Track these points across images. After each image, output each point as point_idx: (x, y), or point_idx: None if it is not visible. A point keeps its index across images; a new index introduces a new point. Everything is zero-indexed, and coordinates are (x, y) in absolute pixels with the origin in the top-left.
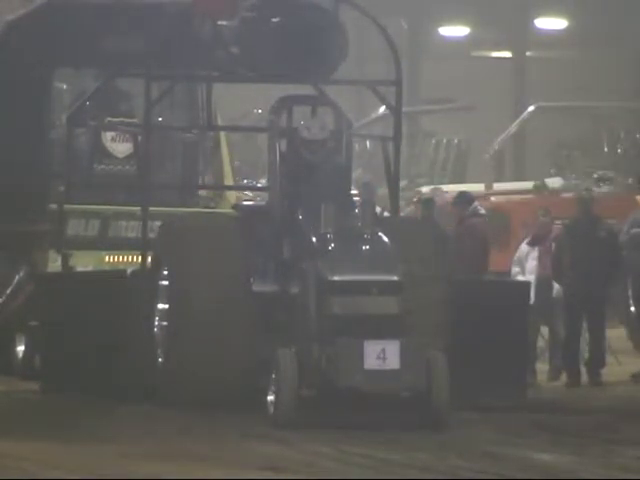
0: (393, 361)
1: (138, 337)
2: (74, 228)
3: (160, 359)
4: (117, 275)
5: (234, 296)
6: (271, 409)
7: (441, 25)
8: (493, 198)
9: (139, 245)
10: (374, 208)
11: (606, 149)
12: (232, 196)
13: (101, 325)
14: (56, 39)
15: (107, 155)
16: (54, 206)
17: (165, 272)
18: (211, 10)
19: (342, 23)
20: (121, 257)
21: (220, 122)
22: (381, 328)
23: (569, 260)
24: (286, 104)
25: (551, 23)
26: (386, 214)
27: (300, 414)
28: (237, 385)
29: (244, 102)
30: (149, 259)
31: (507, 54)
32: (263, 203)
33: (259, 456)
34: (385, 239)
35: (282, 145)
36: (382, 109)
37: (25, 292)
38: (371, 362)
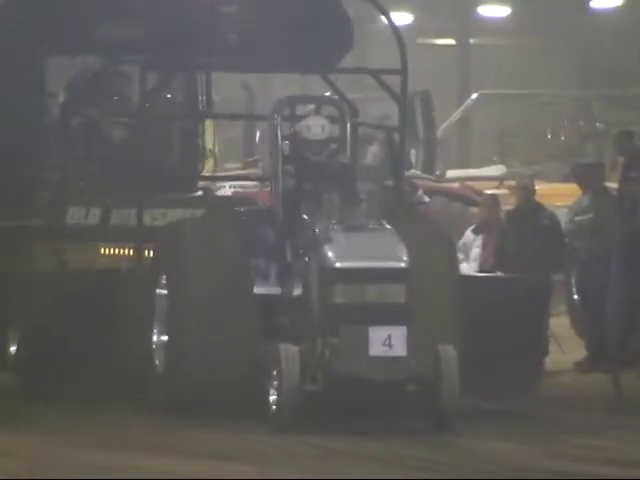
0: (400, 348)
1: (131, 340)
2: (73, 217)
3: (157, 365)
4: (110, 274)
5: (235, 299)
6: (272, 408)
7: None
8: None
9: (140, 234)
10: (380, 201)
11: (549, 136)
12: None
13: (91, 326)
14: (49, 25)
15: (104, 142)
16: (48, 197)
17: (163, 280)
18: None
19: (347, 12)
20: (117, 250)
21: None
22: (387, 315)
23: (513, 248)
24: (288, 104)
25: (494, 11)
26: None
27: (301, 413)
28: (238, 391)
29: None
30: (145, 254)
31: (451, 41)
32: (263, 206)
33: (256, 453)
34: (390, 228)
35: (284, 145)
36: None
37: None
38: (377, 349)
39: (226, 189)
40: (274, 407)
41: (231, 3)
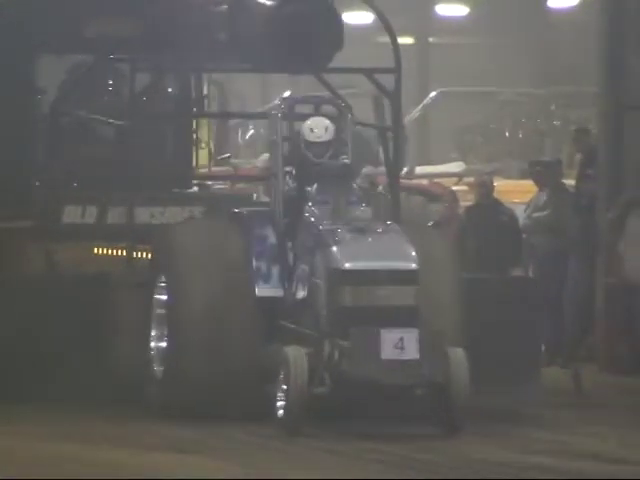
0: (412, 351)
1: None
2: (69, 216)
3: (156, 370)
4: (100, 280)
5: (237, 301)
6: (280, 411)
7: (346, 12)
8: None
9: (132, 233)
10: (385, 200)
11: (507, 134)
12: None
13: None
14: (41, 24)
15: (95, 140)
16: (44, 196)
17: (162, 283)
18: None
19: (337, 11)
20: (110, 250)
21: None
22: (397, 318)
23: (471, 244)
24: (289, 104)
25: (453, 10)
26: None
27: (309, 416)
28: (242, 393)
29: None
30: (135, 254)
31: (410, 40)
32: (264, 208)
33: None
34: (397, 228)
35: (285, 147)
36: (287, 93)
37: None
38: (388, 352)
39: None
40: (282, 410)
41: (222, 3)
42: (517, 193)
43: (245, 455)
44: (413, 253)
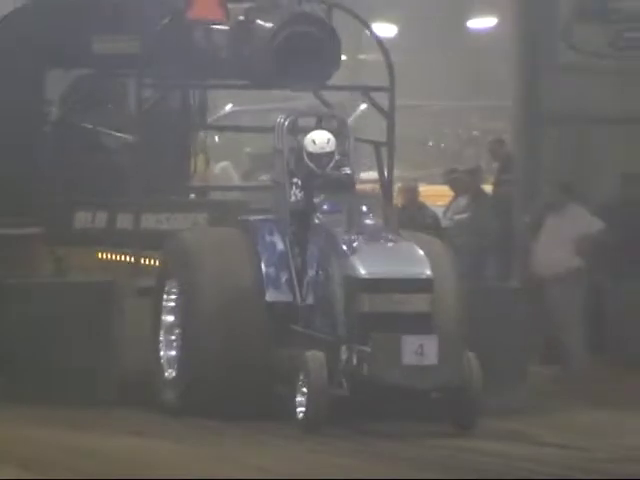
0: (431, 356)
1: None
2: (80, 221)
3: (167, 375)
4: (108, 285)
5: (247, 307)
6: (299, 414)
7: None
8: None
9: (138, 239)
10: (397, 211)
11: (431, 143)
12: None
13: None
14: (49, 38)
15: (99, 150)
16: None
17: (173, 289)
18: (205, 15)
19: (336, 31)
20: (115, 255)
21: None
22: (414, 324)
23: None
24: (292, 117)
25: (383, 29)
26: None
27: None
28: (254, 398)
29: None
30: (142, 260)
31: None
32: (270, 216)
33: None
34: (409, 236)
35: (289, 159)
36: (229, 106)
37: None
38: (409, 357)
39: None
40: (302, 413)
41: (225, 22)
42: (440, 197)
43: (244, 454)
44: (426, 262)
